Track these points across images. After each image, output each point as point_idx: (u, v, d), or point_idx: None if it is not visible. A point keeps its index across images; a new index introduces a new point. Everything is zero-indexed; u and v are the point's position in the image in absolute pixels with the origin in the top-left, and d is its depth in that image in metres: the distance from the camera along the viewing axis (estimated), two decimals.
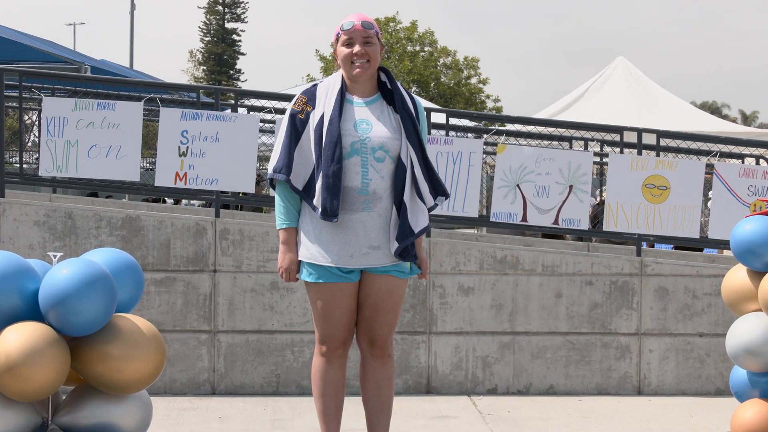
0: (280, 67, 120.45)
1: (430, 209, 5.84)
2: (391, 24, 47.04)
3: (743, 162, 12.32)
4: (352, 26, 5.67)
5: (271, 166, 5.76)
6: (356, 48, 5.66)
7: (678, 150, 11.47)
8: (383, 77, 5.83)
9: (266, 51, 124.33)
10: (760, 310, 5.59)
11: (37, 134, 12.02)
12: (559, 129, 11.94)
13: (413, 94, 6.05)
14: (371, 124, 5.69)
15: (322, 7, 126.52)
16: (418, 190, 5.71)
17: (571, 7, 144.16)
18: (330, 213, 5.57)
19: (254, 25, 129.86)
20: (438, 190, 5.82)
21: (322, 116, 5.64)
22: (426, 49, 47.10)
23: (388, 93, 5.80)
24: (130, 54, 49.67)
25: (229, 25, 65.19)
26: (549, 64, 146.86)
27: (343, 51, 5.71)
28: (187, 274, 9.62)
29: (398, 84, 5.86)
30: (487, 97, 49.10)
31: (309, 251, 5.72)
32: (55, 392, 4.11)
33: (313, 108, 5.68)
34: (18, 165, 10.98)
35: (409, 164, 5.68)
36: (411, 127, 5.71)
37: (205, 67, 63.96)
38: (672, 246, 12.04)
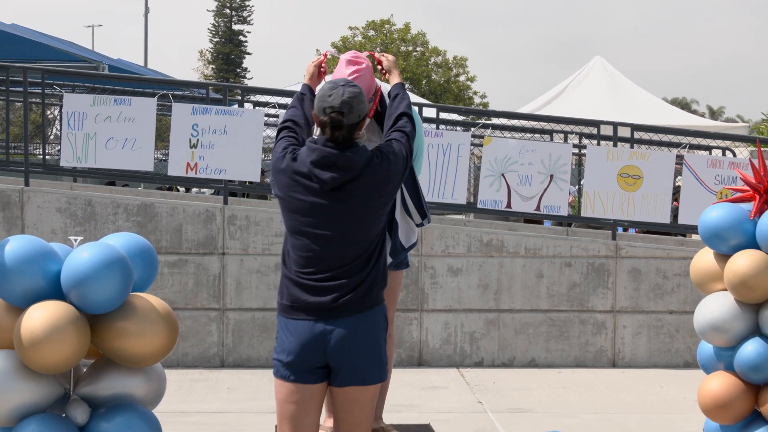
0: (283, 65, 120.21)
1: (418, 226, 5.58)
2: (386, 26, 46.94)
3: (710, 153, 12.32)
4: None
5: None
6: None
7: (650, 142, 11.49)
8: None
9: (270, 51, 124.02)
10: (725, 289, 5.60)
11: (58, 128, 12.01)
12: (540, 123, 11.94)
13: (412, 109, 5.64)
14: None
15: (323, 9, 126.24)
16: (407, 208, 5.46)
17: (553, 10, 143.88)
18: None
19: (259, 26, 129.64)
20: (421, 212, 5.49)
21: None
22: (418, 49, 46.98)
23: (378, 114, 5.47)
24: (144, 54, 49.50)
25: (236, 27, 64.99)
26: (532, 63, 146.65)
27: None
28: (197, 257, 9.62)
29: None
30: (475, 93, 49.00)
31: None
32: (77, 365, 4.11)
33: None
34: (41, 156, 10.98)
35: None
36: None
37: (213, 66, 63.76)
38: (636, 230, 12.04)
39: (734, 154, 12.35)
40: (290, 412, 4.20)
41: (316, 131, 4.66)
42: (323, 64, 4.92)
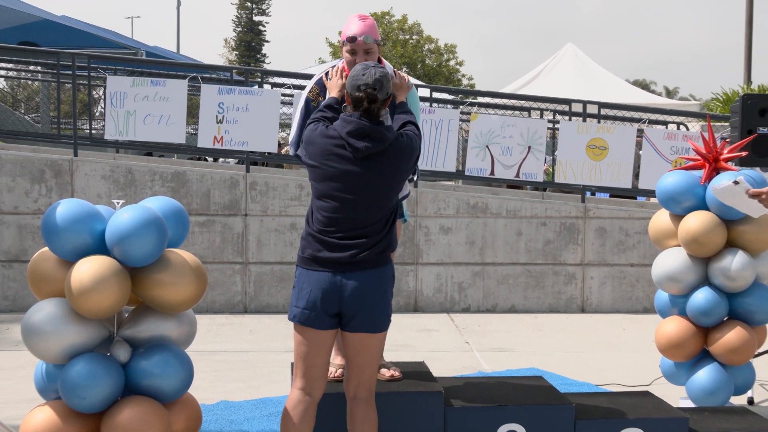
0: (297, 52, 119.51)
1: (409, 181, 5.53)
2: (386, 17, 46.61)
3: (667, 127, 12.27)
4: (355, 41, 5.01)
5: (290, 141, 5.56)
6: (358, 58, 5.27)
7: (615, 118, 11.43)
8: None
9: (286, 39, 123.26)
10: (679, 245, 5.61)
11: (103, 106, 11.94)
12: (520, 101, 11.89)
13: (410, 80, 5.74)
14: None
15: (329, 3, 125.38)
16: None
17: (530, 1, 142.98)
18: None
19: (277, 17, 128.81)
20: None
21: None
22: (414, 37, 46.64)
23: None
24: (177, 41, 49.26)
25: (256, 18, 64.50)
26: (512, 49, 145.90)
27: (346, 56, 5.29)
28: (223, 218, 9.62)
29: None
30: (463, 76, 48.73)
31: None
32: (119, 311, 4.11)
33: (324, 98, 5.45)
34: (88, 131, 10.93)
35: None
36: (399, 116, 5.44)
37: (237, 52, 63.36)
38: (609, 194, 12.02)
39: (687, 128, 12.31)
40: (304, 353, 4.20)
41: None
42: (344, 68, 4.78)
